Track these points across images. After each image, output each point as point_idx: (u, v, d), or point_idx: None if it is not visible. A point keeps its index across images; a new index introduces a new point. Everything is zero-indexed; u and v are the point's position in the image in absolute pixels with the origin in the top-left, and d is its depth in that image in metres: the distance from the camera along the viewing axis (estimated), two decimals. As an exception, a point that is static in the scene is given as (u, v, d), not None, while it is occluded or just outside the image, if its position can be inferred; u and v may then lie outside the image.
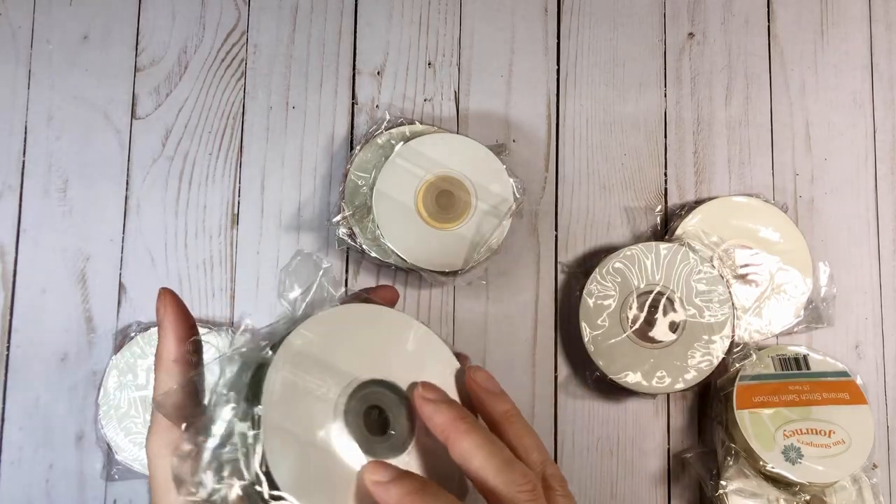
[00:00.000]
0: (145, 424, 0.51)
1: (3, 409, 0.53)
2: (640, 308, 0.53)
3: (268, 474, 0.24)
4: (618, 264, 0.53)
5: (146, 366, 0.51)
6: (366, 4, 0.58)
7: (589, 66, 0.58)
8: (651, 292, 0.53)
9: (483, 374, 0.30)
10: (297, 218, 0.55)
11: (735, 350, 0.53)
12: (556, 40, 0.58)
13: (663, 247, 0.53)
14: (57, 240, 0.55)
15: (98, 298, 0.54)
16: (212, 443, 0.24)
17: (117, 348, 0.52)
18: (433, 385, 0.28)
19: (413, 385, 0.28)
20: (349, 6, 0.58)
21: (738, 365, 0.53)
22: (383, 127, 0.55)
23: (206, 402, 0.26)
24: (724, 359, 0.52)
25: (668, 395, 0.55)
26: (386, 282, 0.55)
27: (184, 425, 0.25)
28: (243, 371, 0.25)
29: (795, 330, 0.55)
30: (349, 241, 0.53)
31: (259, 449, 0.24)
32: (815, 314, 0.55)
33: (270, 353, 0.26)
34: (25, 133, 0.56)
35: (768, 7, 0.60)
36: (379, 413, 0.28)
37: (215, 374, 0.26)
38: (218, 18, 0.57)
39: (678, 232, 0.55)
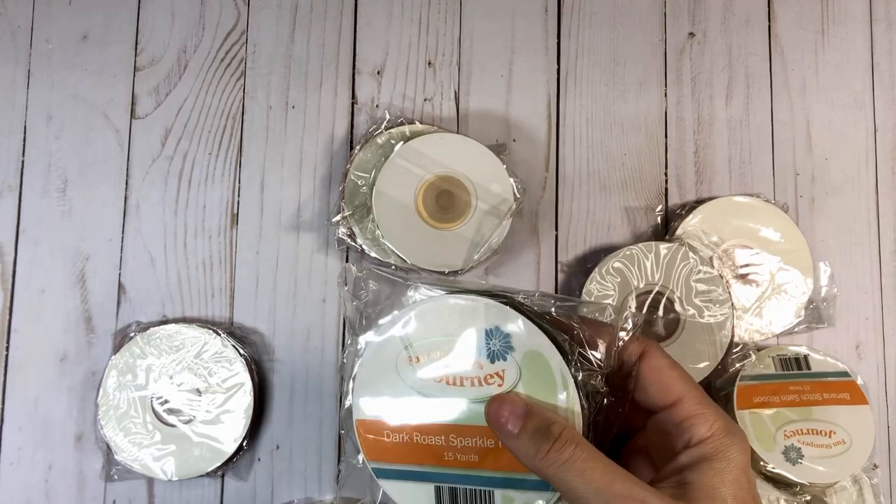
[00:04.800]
0: (144, 425, 0.51)
1: (3, 409, 0.53)
2: (640, 308, 0.53)
3: None
4: (617, 264, 0.53)
5: (145, 366, 0.51)
6: (366, 4, 0.58)
7: (589, 66, 0.58)
8: (650, 292, 0.53)
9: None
10: (296, 218, 0.55)
11: (735, 350, 0.52)
12: (557, 40, 0.58)
13: (663, 246, 0.53)
14: (56, 239, 0.55)
15: (97, 298, 0.54)
16: None
17: (116, 348, 0.52)
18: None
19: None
20: (349, 6, 0.58)
21: (737, 365, 0.52)
22: (383, 127, 0.55)
23: None
24: (723, 359, 0.52)
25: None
26: (385, 281, 0.55)
27: None
28: None
29: (796, 330, 0.55)
30: (349, 241, 0.53)
31: None
32: (815, 314, 0.55)
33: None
34: (25, 132, 0.56)
35: (769, 7, 0.60)
36: None
37: None
38: (217, 18, 0.57)
39: (678, 232, 0.55)
